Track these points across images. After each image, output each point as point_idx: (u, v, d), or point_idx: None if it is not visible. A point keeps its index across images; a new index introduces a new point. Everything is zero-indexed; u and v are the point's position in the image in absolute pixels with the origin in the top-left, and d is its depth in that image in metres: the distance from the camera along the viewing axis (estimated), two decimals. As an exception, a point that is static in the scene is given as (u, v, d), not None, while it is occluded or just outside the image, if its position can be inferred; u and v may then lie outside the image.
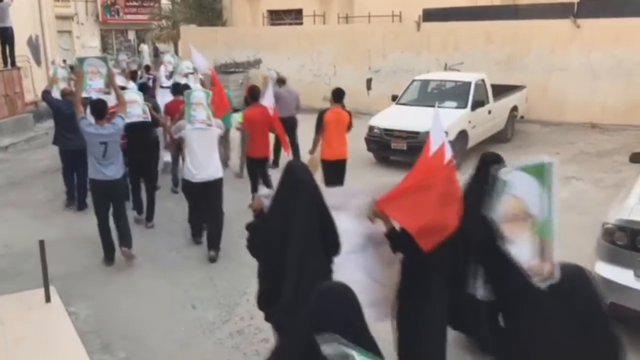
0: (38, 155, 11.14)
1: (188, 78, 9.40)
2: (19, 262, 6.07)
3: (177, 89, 8.24)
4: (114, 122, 5.79)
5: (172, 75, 9.85)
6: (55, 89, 7.95)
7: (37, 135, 12.87)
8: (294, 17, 20.13)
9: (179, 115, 6.51)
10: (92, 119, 5.80)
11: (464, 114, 9.86)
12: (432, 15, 14.77)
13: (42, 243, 4.76)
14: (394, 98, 11.11)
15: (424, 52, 14.53)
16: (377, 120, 10.23)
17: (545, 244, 2.92)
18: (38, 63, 15.59)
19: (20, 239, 6.60)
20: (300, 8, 19.64)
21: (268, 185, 6.87)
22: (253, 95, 7.47)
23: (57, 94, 7.86)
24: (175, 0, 23.39)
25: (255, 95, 7.45)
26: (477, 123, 10.11)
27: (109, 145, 5.71)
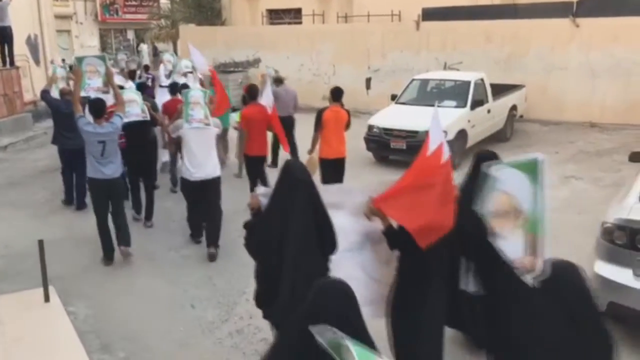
0: (37, 155, 11.13)
1: (187, 77, 9.37)
2: (18, 261, 6.06)
3: (174, 89, 8.24)
4: (112, 121, 5.81)
5: (171, 75, 9.84)
6: (54, 89, 7.94)
7: (36, 135, 12.86)
8: (293, 16, 20.12)
9: (177, 115, 6.52)
10: (90, 118, 5.80)
11: (463, 113, 9.85)
12: (431, 15, 14.77)
13: (41, 243, 4.75)
14: (393, 97, 11.12)
15: (423, 51, 14.52)
16: (376, 120, 10.23)
17: (536, 240, 2.92)
18: (37, 62, 15.59)
19: (19, 239, 6.59)
20: (300, 7, 19.63)
21: (265, 184, 6.87)
22: (251, 94, 7.45)
23: (55, 94, 7.86)
24: (174, 0, 23.38)
25: (254, 94, 7.44)
26: (476, 122, 10.11)
27: (107, 144, 5.72)
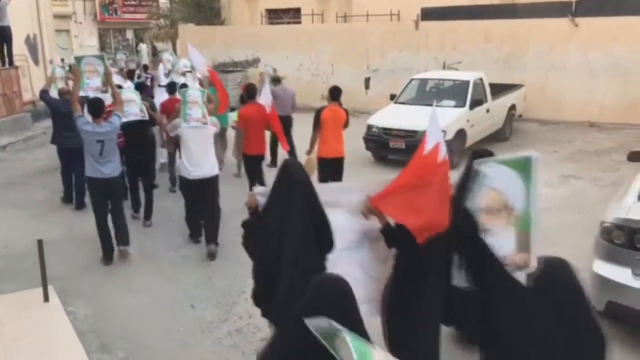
0: (36, 155, 11.13)
1: (186, 76, 9.38)
2: (17, 261, 6.06)
3: (172, 88, 8.23)
4: (111, 120, 5.82)
5: (170, 74, 9.83)
6: (53, 88, 7.94)
7: (35, 135, 12.85)
8: (293, 16, 20.13)
9: (175, 114, 6.54)
10: (89, 118, 5.81)
11: (462, 113, 9.86)
12: (430, 14, 14.79)
13: (40, 242, 4.75)
14: (393, 97, 11.12)
15: (422, 51, 14.53)
16: (375, 119, 10.23)
17: (527, 238, 2.93)
18: (36, 62, 15.58)
19: (19, 239, 6.58)
20: (299, 7, 19.64)
21: (261, 183, 6.87)
22: (249, 94, 7.44)
23: (54, 93, 7.86)
24: (174, 0, 23.38)
25: (252, 94, 7.43)
26: (475, 122, 10.12)
27: (106, 144, 5.73)
